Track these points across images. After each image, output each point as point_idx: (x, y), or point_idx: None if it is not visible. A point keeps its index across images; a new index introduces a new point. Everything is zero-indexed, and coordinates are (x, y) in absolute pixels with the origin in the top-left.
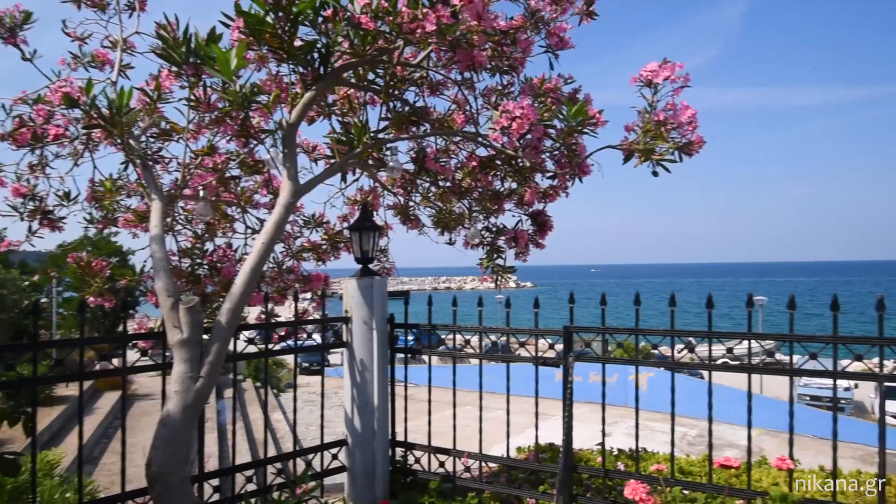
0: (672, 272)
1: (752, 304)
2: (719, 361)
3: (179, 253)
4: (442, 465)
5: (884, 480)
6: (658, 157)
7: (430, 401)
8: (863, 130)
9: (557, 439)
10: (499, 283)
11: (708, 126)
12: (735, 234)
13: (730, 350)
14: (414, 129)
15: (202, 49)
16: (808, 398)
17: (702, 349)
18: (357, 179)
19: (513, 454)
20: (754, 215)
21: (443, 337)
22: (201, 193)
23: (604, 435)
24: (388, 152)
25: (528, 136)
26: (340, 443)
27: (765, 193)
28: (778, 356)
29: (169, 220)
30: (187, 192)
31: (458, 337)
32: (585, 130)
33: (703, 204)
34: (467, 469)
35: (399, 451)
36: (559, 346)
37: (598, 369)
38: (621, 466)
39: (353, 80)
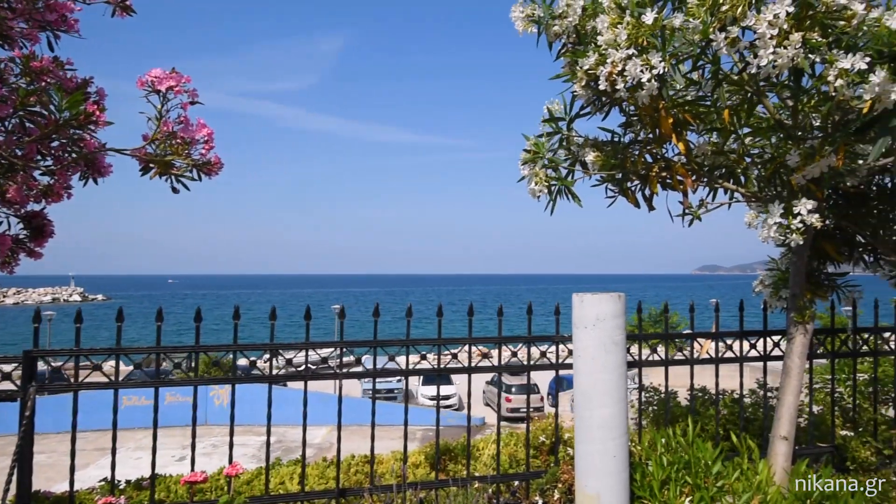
0: (266, 283)
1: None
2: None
3: None
4: None
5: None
6: (177, 173)
7: None
8: (422, 169)
9: (127, 474)
10: None
11: (311, 148)
12: (320, 247)
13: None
14: None
15: None
16: (370, 392)
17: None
18: None
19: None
20: (337, 230)
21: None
22: None
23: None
24: None
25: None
26: None
27: (349, 211)
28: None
29: None
30: None
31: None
32: (90, 127)
33: (294, 217)
34: None
35: None
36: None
37: (174, 391)
38: (123, 501)
39: None
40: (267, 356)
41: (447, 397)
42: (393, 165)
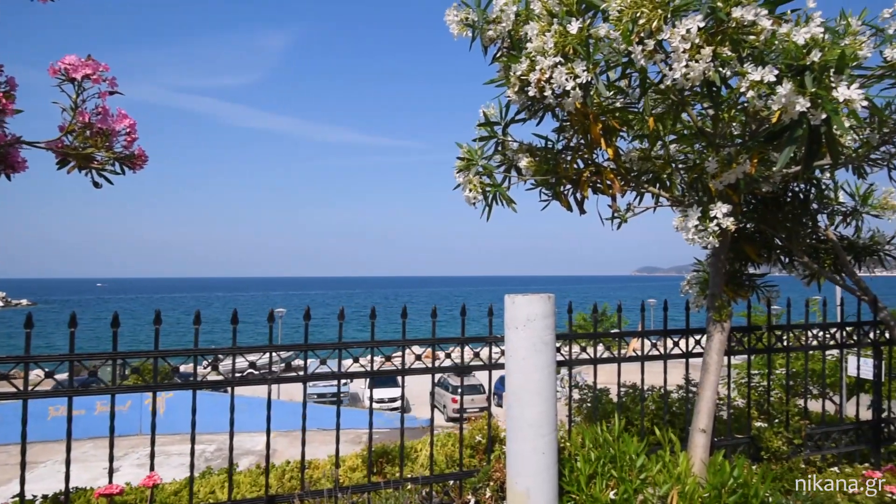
0: (199, 286)
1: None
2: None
3: None
4: None
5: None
6: (98, 167)
7: None
8: (369, 170)
9: (53, 488)
10: None
11: (256, 145)
12: (266, 250)
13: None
14: None
15: None
16: (315, 396)
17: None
18: None
19: None
20: (284, 233)
21: None
22: None
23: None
24: None
25: None
26: None
27: (295, 213)
28: (296, 363)
29: None
30: None
31: None
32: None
33: (232, 221)
34: None
35: None
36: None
37: (105, 400)
38: None
39: None
40: (206, 362)
41: (394, 399)
42: (341, 166)
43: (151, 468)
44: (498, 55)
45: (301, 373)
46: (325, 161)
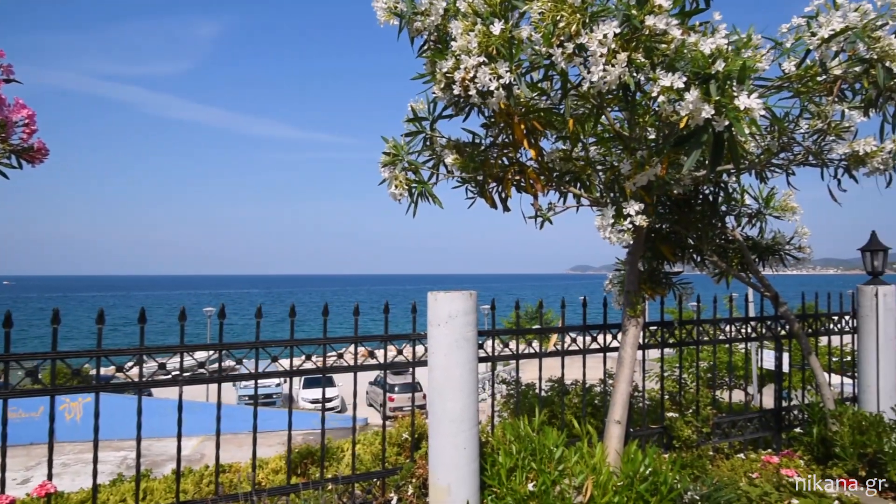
0: (118, 285)
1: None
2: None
3: None
4: None
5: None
6: None
7: None
8: (303, 166)
9: None
10: None
11: (184, 137)
12: (197, 246)
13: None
14: None
15: None
16: (247, 398)
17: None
18: None
19: None
20: (209, 230)
21: None
22: None
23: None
24: None
25: None
26: None
27: (223, 211)
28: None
29: None
30: None
31: None
32: None
33: (160, 214)
34: None
35: None
36: None
37: (14, 406)
38: None
39: None
40: (131, 363)
41: (329, 399)
42: (272, 160)
43: (49, 477)
44: (425, 48)
45: (216, 373)
46: (253, 154)
